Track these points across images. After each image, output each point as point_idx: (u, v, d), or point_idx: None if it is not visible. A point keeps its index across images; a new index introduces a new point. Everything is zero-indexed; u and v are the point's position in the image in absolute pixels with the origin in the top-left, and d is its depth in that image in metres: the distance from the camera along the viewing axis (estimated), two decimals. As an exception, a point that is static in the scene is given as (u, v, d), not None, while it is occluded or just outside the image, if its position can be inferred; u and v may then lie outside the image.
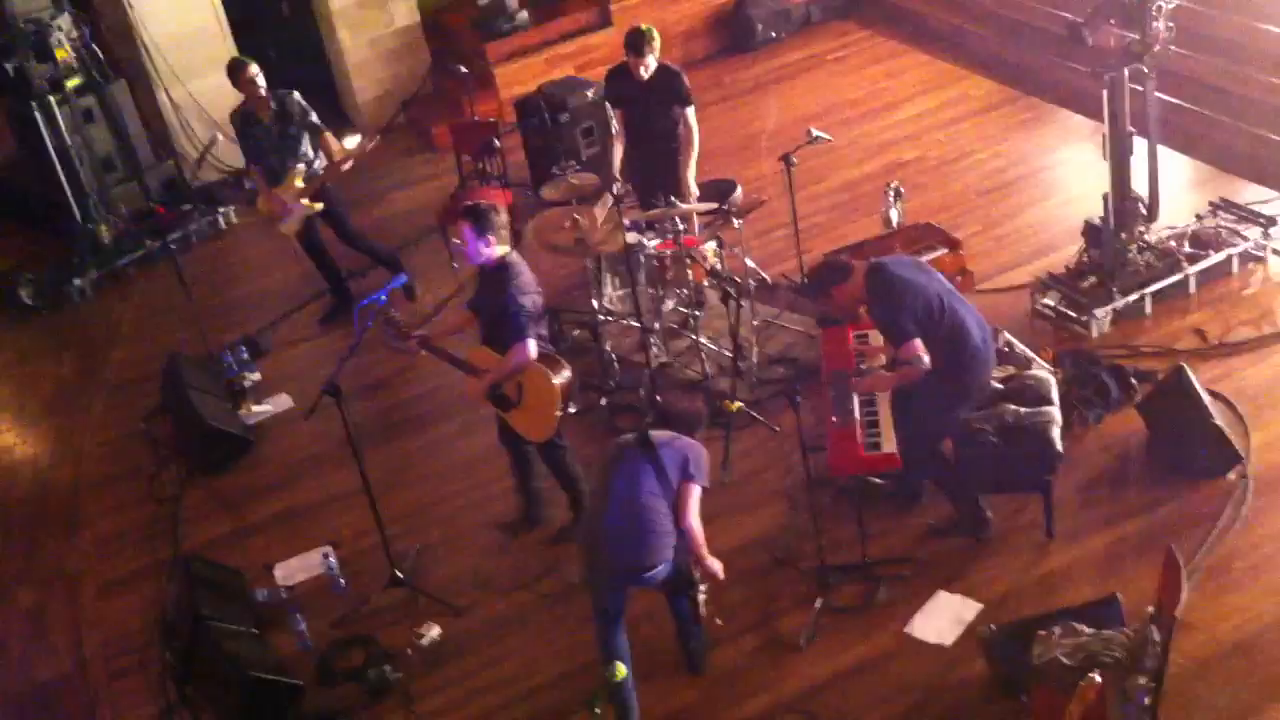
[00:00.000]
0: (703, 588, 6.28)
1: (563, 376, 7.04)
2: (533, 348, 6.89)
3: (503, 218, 7.02)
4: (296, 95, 9.51)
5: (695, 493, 6.10)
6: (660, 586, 6.26)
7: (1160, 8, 7.86)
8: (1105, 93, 8.10)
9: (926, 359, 6.53)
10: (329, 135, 9.54)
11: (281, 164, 9.47)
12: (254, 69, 9.42)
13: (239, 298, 11.01)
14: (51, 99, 11.25)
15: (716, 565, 6.26)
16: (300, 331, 10.19)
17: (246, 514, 8.44)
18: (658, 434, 6.18)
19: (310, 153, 9.52)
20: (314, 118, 9.51)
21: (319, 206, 9.52)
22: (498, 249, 6.97)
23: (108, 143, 11.80)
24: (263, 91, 9.40)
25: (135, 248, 11.67)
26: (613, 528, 6.06)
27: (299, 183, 9.43)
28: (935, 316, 6.61)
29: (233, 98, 12.65)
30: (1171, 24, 7.96)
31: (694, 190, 9.00)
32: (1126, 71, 8.02)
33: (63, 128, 11.34)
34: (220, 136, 10.44)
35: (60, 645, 7.75)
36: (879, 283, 6.69)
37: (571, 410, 7.16)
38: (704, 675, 6.58)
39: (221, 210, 12.17)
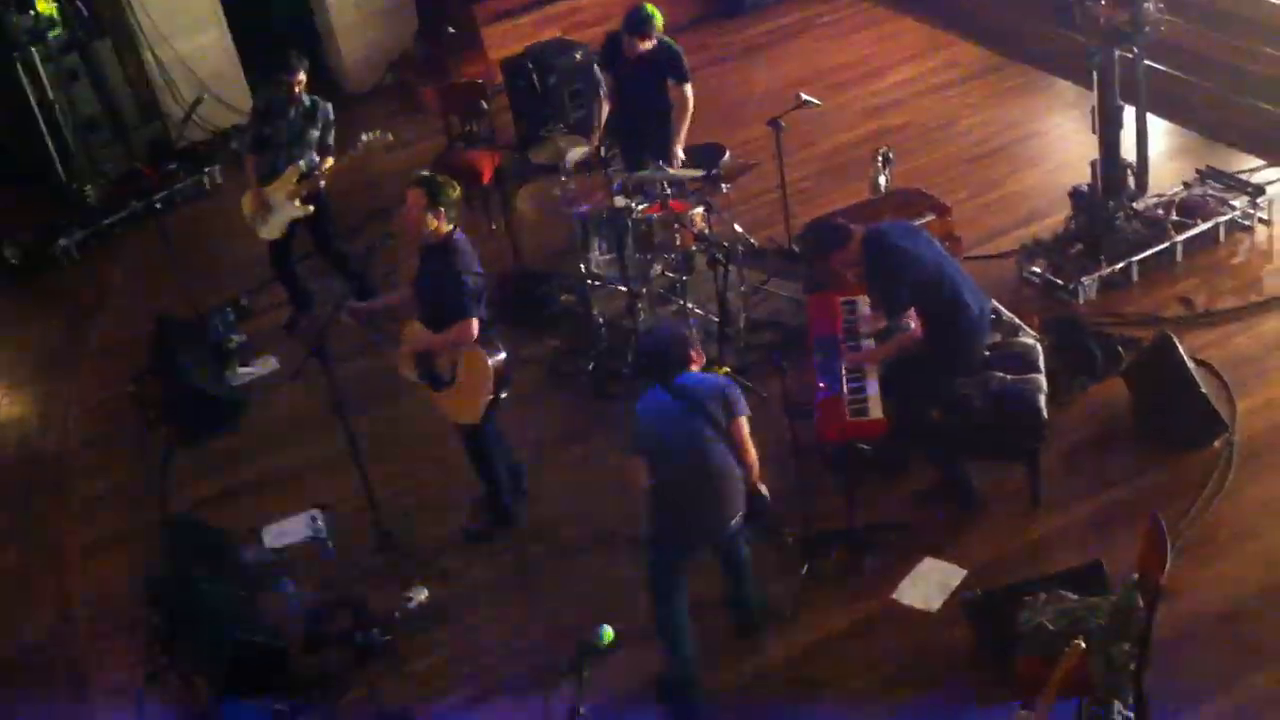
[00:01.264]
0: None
1: (498, 359, 6.95)
2: (475, 327, 6.78)
3: (456, 195, 6.86)
4: (330, 107, 9.15)
5: (746, 426, 6.00)
6: (735, 536, 6.21)
7: None
8: (1094, 73, 8.10)
9: (914, 324, 6.53)
10: (331, 160, 9.10)
11: (286, 161, 9.06)
12: (303, 75, 8.93)
13: (225, 259, 10.95)
14: (34, 52, 11.15)
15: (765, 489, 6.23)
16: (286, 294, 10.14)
17: (234, 476, 8.44)
18: (682, 380, 5.98)
19: (315, 159, 9.10)
20: (332, 137, 9.12)
21: (310, 209, 9.15)
22: (445, 225, 6.82)
23: (92, 102, 11.74)
24: (300, 91, 8.97)
25: (121, 208, 11.61)
26: (691, 488, 5.92)
27: (295, 180, 9.05)
28: (932, 285, 6.60)
29: (218, 57, 12.67)
30: (1162, 4, 7.95)
31: (680, 157, 8.97)
32: (1116, 51, 8.01)
33: (46, 85, 11.26)
34: (206, 96, 10.36)
35: (47, 607, 7.76)
36: (877, 252, 6.64)
37: (504, 396, 7.08)
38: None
39: (207, 171, 12.12)
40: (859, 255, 6.66)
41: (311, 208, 9.12)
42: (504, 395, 7.07)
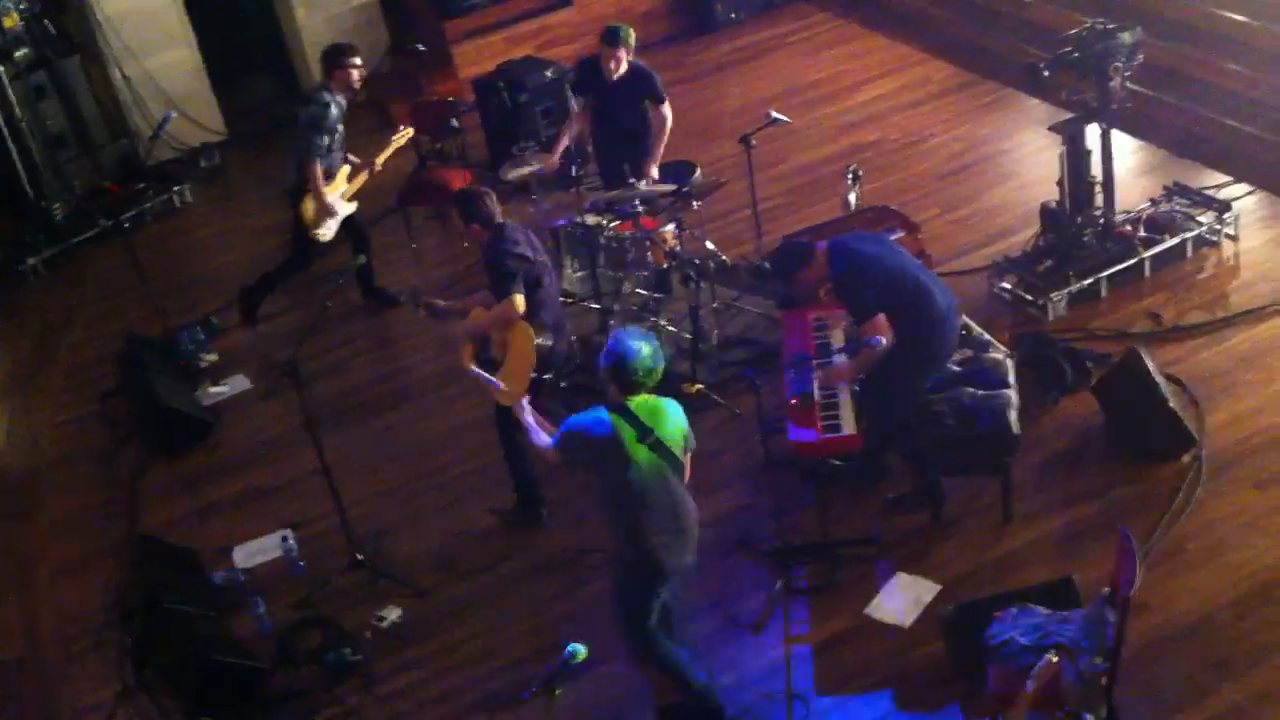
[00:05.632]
0: None
1: (545, 338, 7.10)
2: (520, 303, 6.97)
3: (490, 204, 7.11)
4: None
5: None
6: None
7: (1118, 68, 7.96)
8: (1064, 147, 8.20)
9: (886, 338, 6.55)
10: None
11: (339, 162, 9.18)
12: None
13: (195, 277, 10.93)
14: (1, 69, 11.10)
15: None
16: (259, 312, 10.09)
17: (204, 496, 8.39)
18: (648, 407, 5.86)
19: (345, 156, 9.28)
20: None
21: (355, 205, 9.35)
22: (491, 226, 7.12)
23: (60, 119, 11.70)
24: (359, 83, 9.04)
25: (89, 226, 11.56)
26: (668, 531, 5.79)
27: (348, 180, 9.22)
28: (898, 288, 6.65)
29: (185, 76, 12.62)
30: (1129, 81, 8.05)
31: (654, 177, 9.01)
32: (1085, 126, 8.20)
33: (14, 103, 11.21)
34: (174, 114, 10.33)
35: (16, 627, 7.69)
36: (841, 261, 6.71)
37: (547, 377, 7.19)
38: None
39: (176, 189, 12.09)
40: (825, 268, 6.72)
41: (355, 205, 9.29)
42: (547, 376, 7.23)
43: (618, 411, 5.62)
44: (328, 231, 9.25)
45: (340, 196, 9.20)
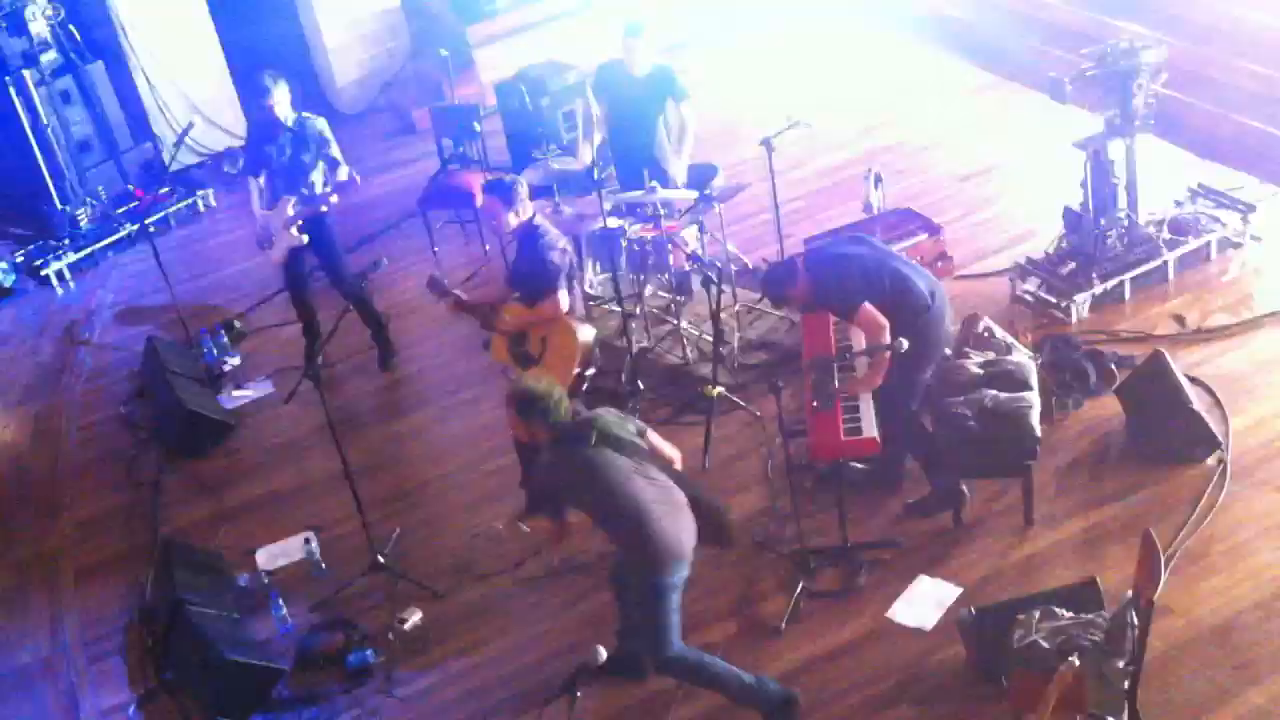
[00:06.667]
0: None
1: (586, 334, 7.14)
2: (565, 300, 7.10)
3: (524, 189, 7.30)
4: (322, 123, 8.81)
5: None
6: None
7: (1141, 85, 7.93)
8: (1087, 163, 8.23)
9: (885, 327, 6.53)
10: (347, 168, 8.72)
11: (283, 189, 8.74)
12: (280, 93, 8.61)
13: (218, 282, 10.98)
14: (27, 75, 11.17)
15: None
16: (279, 315, 10.13)
17: (227, 498, 8.42)
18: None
19: (318, 185, 8.72)
20: (333, 150, 8.77)
21: (304, 239, 8.73)
22: (524, 214, 7.29)
23: (85, 124, 11.77)
24: (280, 112, 8.63)
25: (113, 231, 11.63)
26: (669, 517, 5.79)
27: (290, 211, 8.69)
28: (874, 280, 6.69)
29: (211, 79, 12.69)
30: (1153, 99, 8.01)
31: (681, 178, 9.01)
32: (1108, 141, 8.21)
33: (40, 108, 11.27)
34: (199, 119, 10.39)
35: (40, 629, 7.72)
36: (816, 268, 6.80)
37: (590, 373, 7.22)
38: None
39: (200, 193, 12.15)
40: (809, 279, 6.78)
41: (306, 237, 8.72)
42: (590, 372, 7.26)
43: (575, 441, 5.79)
44: (273, 251, 8.93)
45: (281, 225, 8.73)
